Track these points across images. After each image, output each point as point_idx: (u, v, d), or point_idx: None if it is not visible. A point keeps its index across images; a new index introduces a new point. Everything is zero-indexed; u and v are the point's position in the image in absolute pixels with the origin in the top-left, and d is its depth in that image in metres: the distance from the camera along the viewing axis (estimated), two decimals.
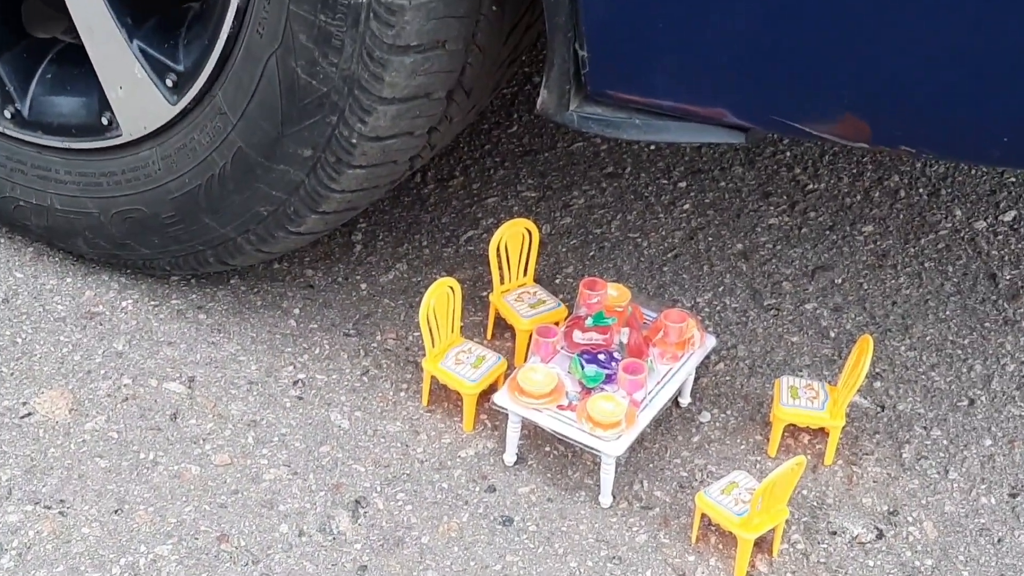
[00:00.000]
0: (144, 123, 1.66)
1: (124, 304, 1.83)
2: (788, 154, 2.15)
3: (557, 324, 1.69)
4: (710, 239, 1.99)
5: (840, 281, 1.91)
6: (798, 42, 1.33)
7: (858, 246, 1.98)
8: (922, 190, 2.08)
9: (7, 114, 1.77)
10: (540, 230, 1.81)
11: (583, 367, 1.59)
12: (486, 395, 1.65)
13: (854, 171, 2.12)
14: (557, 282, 1.90)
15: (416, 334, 1.80)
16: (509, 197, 2.05)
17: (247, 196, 1.65)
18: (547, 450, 1.64)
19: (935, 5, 1.26)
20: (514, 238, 1.75)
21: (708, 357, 1.75)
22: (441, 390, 1.70)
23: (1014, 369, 1.77)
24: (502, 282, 1.77)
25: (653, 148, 2.16)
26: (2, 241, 1.92)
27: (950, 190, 2.08)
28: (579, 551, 1.53)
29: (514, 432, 1.60)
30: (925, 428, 1.69)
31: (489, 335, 1.80)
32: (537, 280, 1.82)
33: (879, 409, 1.72)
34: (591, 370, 1.59)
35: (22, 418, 1.66)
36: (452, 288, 1.64)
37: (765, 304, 1.87)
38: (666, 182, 2.09)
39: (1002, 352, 1.80)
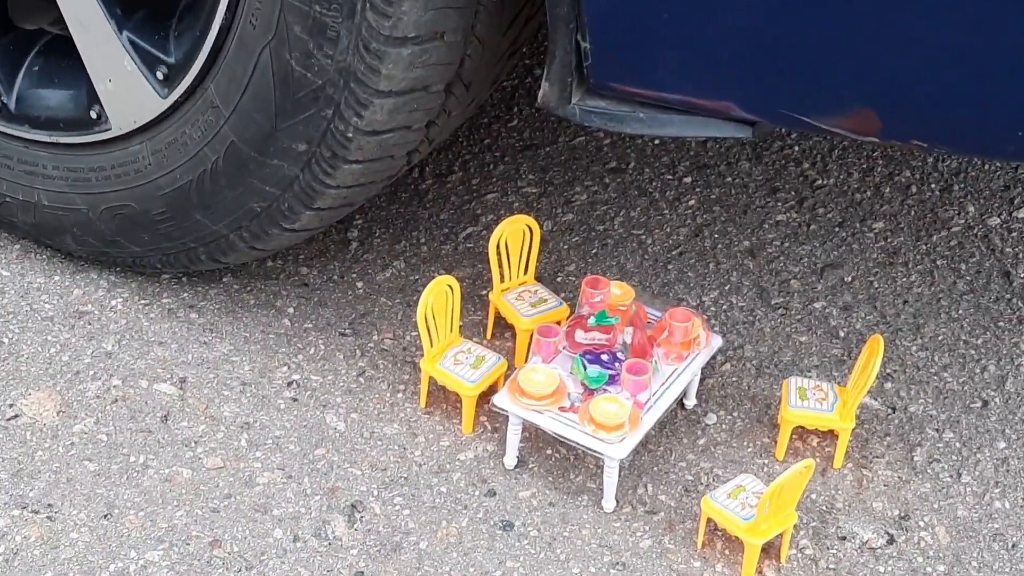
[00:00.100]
0: (134, 117, 1.67)
1: (114, 303, 1.83)
2: (796, 149, 2.15)
3: (559, 323, 1.69)
4: (716, 236, 1.99)
5: (850, 279, 1.92)
6: (806, 33, 1.33)
7: (868, 243, 1.98)
8: (934, 186, 2.08)
9: None
10: (541, 227, 1.81)
11: (585, 368, 1.59)
12: (486, 396, 1.65)
13: (864, 166, 2.12)
14: (559, 280, 1.90)
15: (414, 334, 1.80)
16: (509, 193, 2.05)
17: (240, 192, 1.65)
18: (548, 453, 1.65)
19: None
20: (514, 235, 1.75)
21: (714, 357, 1.75)
22: (439, 391, 1.70)
23: None
24: (502, 280, 1.77)
25: (657, 143, 2.16)
26: None
27: (963, 186, 2.08)
28: (581, 557, 1.53)
29: (515, 434, 1.60)
30: (937, 430, 1.70)
31: (489, 335, 1.80)
32: (538, 278, 1.82)
33: (890, 411, 1.72)
34: (594, 371, 1.59)
35: (8, 420, 1.66)
36: (451, 286, 1.65)
37: (773, 303, 1.88)
38: (671, 177, 2.09)
39: (1016, 352, 1.80)
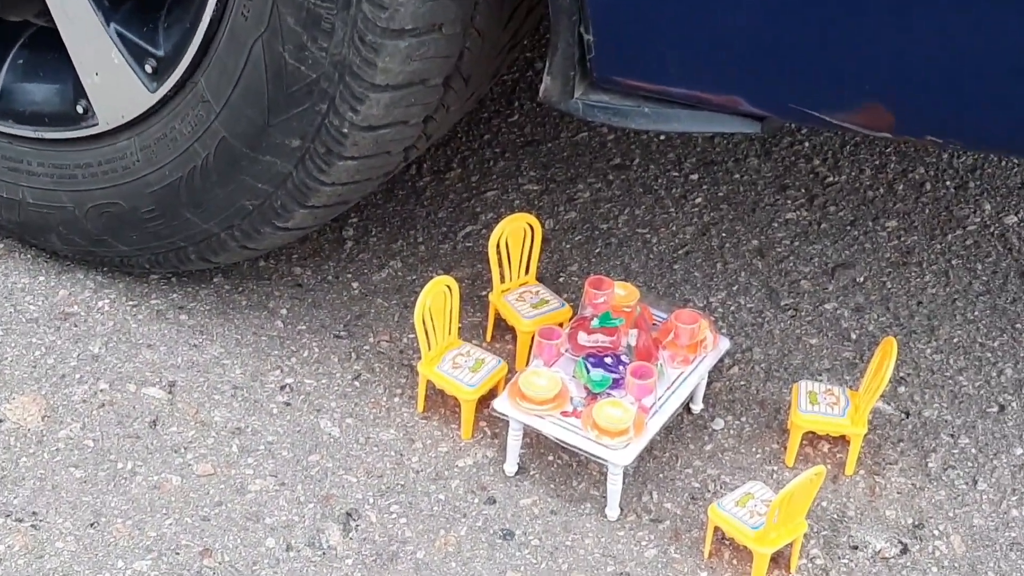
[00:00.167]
0: (122, 111, 1.67)
1: (100, 304, 1.83)
2: (806, 145, 2.15)
3: (561, 325, 1.69)
4: (724, 235, 1.99)
5: (862, 280, 1.92)
6: (817, 24, 1.33)
7: (881, 242, 1.98)
8: (949, 183, 2.08)
9: None
10: (543, 225, 1.81)
11: (589, 371, 1.59)
12: (485, 401, 1.65)
13: (877, 163, 2.12)
14: (561, 281, 1.90)
15: (411, 336, 1.80)
16: (510, 190, 2.06)
17: (231, 189, 1.65)
18: (550, 459, 1.65)
19: None
20: (515, 234, 1.75)
21: (722, 360, 1.75)
22: (437, 396, 1.70)
23: None
24: (502, 281, 1.77)
25: (663, 138, 2.16)
26: None
27: (979, 183, 2.08)
28: (584, 567, 1.53)
29: (515, 440, 1.60)
30: (952, 436, 1.70)
31: (488, 337, 1.81)
32: (539, 279, 1.82)
33: (903, 416, 1.72)
34: (597, 374, 1.59)
35: None
36: (449, 287, 1.65)
37: (782, 304, 1.88)
38: (677, 174, 2.10)
39: None
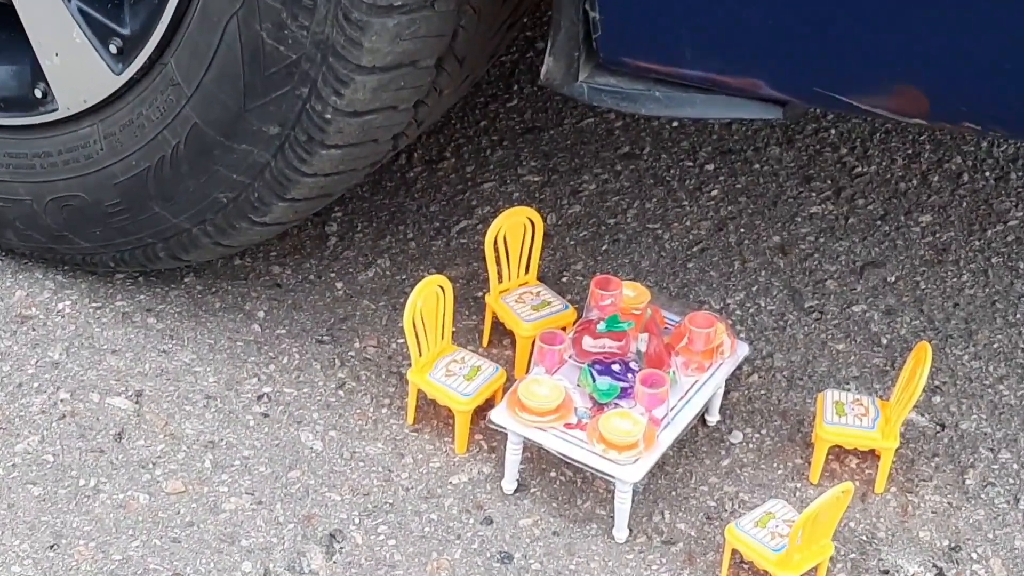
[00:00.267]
0: (84, 96, 1.68)
1: (61, 307, 1.85)
2: (833, 132, 2.16)
3: (564, 329, 1.70)
4: (742, 231, 2.00)
5: (893, 279, 1.92)
6: (846, 1, 1.32)
7: (914, 239, 1.98)
8: (988, 174, 2.09)
9: None
10: (544, 220, 1.83)
11: (594, 379, 1.60)
12: (482, 412, 1.65)
13: (909, 152, 2.13)
14: (564, 281, 1.91)
15: (400, 341, 1.80)
16: (508, 182, 2.06)
17: (203, 181, 1.65)
18: (552, 476, 1.65)
19: None
20: (514, 229, 1.75)
21: (740, 367, 1.76)
22: (429, 406, 1.71)
23: None
24: (500, 281, 1.77)
25: (676, 125, 2.17)
26: None
27: (1021, 174, 2.10)
28: None
29: (514, 455, 1.61)
30: (992, 450, 1.70)
31: (485, 342, 1.81)
32: (541, 278, 1.83)
33: (939, 428, 1.72)
34: (604, 383, 1.59)
35: None
36: (442, 288, 1.65)
37: (806, 306, 1.88)
38: (691, 164, 2.10)
39: None
